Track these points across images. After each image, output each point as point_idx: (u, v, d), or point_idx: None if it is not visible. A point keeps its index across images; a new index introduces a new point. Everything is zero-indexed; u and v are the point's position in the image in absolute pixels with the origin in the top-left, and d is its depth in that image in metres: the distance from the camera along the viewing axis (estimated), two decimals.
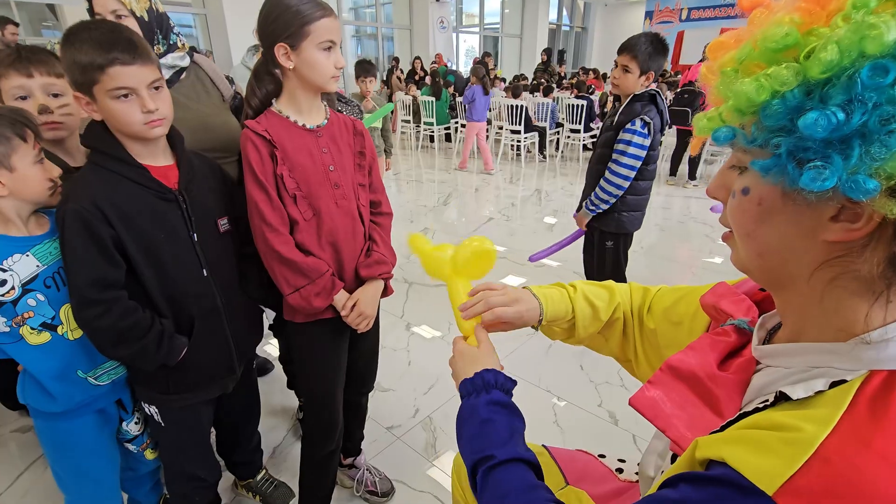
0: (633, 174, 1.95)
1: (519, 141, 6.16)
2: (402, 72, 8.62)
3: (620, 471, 0.85)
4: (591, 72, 8.77)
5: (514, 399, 0.67)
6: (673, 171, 5.40)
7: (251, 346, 1.27)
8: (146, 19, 1.29)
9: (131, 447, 1.21)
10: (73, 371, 1.02)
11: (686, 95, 4.94)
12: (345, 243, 1.16)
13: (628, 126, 1.89)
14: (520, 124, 6.02)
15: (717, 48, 0.43)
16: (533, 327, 0.79)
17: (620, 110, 1.95)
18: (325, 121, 1.15)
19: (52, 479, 1.62)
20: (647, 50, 1.81)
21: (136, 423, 1.18)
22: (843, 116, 0.32)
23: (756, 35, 0.37)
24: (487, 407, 0.63)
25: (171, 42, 1.37)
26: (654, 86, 1.97)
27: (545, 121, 6.45)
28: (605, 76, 8.62)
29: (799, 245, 0.41)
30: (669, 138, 5.96)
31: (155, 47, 1.33)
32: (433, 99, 6.72)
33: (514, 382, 0.69)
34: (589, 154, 3.47)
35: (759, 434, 0.39)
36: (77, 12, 5.47)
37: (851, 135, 0.33)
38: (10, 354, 0.98)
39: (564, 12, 14.26)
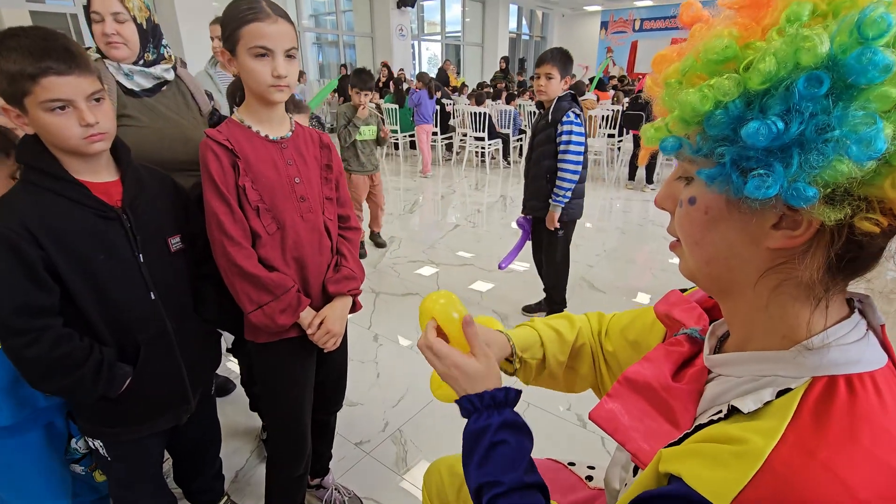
0: (581, 159, 2.19)
1: (483, 148, 6.22)
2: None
3: (590, 478, 0.86)
4: None
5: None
6: (631, 175, 5.58)
7: (207, 373, 1.20)
8: (144, 28, 1.31)
9: (78, 468, 1.13)
10: (23, 383, 0.95)
11: (640, 101, 5.12)
12: (311, 258, 1.12)
13: (564, 119, 2.14)
14: (484, 131, 6.09)
15: (661, 61, 0.44)
16: (509, 373, 0.76)
17: (550, 110, 2.21)
18: (290, 132, 1.11)
19: None
20: (563, 59, 2.15)
21: (84, 439, 1.11)
22: (783, 126, 0.33)
23: (698, 48, 0.38)
24: (500, 430, 0.59)
25: (161, 53, 1.38)
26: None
27: (508, 127, 6.55)
28: None
29: (744, 252, 0.42)
30: (627, 144, 6.17)
31: (145, 55, 1.33)
32: (396, 106, 6.71)
33: (520, 392, 0.65)
34: None
35: (711, 448, 0.39)
36: (17, 16, 5.14)
37: (791, 143, 0.34)
38: None
39: (524, 22, 14.59)
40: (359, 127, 3.16)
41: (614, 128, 6.24)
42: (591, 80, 8.64)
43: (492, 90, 8.06)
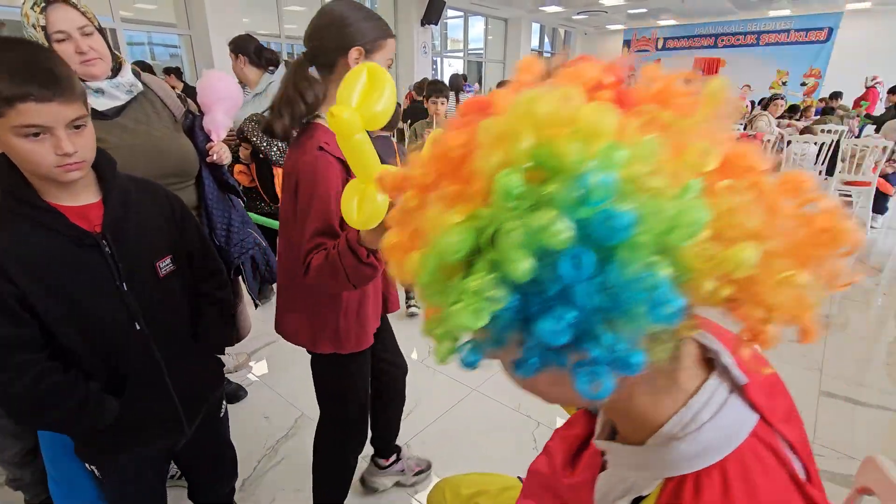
0: None
1: None
2: None
3: None
4: None
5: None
6: None
7: (205, 398, 1.12)
8: (104, 34, 1.20)
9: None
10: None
11: None
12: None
13: None
14: None
15: (395, 251, 0.36)
16: None
17: None
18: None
19: None
20: None
21: None
22: (574, 313, 0.29)
23: (430, 241, 0.32)
24: None
25: (114, 55, 1.25)
26: None
27: None
28: None
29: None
30: None
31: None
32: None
33: None
34: None
35: None
36: None
37: (591, 324, 0.29)
38: None
39: (546, 39, 14.70)
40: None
41: None
42: None
43: None
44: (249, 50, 2.59)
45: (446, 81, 4.67)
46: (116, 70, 1.23)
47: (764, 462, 0.36)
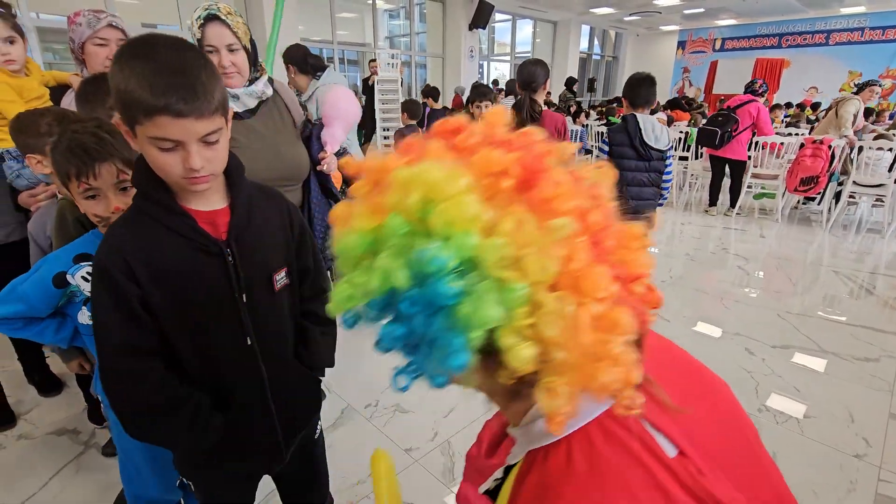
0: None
1: None
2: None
3: None
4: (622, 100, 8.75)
5: None
6: (713, 200, 5.28)
7: (304, 423, 1.07)
8: (250, 50, 1.34)
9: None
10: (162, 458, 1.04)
11: (720, 118, 4.85)
12: None
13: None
14: None
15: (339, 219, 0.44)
16: None
17: None
18: None
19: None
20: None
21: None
22: (403, 330, 0.38)
23: (341, 238, 0.41)
24: None
25: (258, 64, 1.40)
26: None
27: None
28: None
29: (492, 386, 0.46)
30: (696, 165, 5.86)
31: (250, 75, 1.37)
32: None
33: None
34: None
35: None
36: None
37: (416, 343, 0.38)
38: (88, 346, 1.03)
39: (596, 42, 14.40)
40: None
41: (686, 150, 5.95)
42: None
43: (567, 109, 7.99)
44: (298, 59, 2.70)
45: (491, 85, 4.64)
46: (256, 78, 1.38)
47: (611, 436, 0.41)
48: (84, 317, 1.11)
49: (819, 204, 5.08)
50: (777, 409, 2.03)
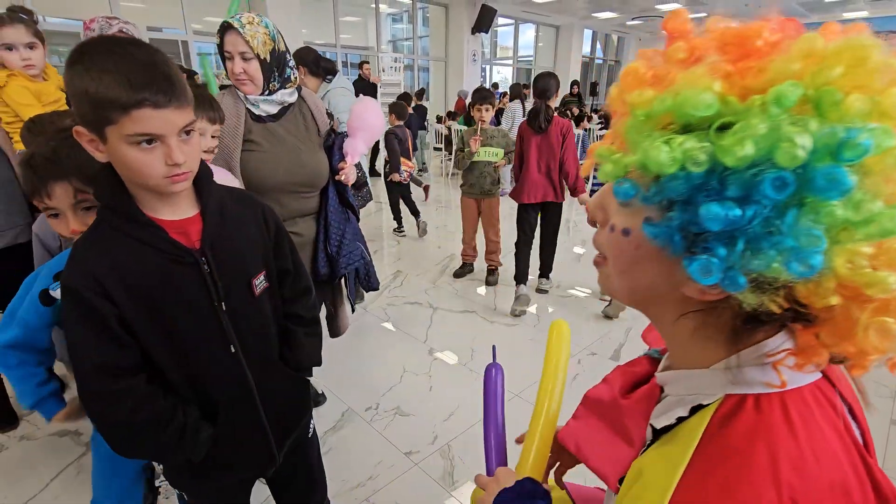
0: None
1: None
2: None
3: None
4: None
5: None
6: None
7: (295, 425, 1.06)
8: (268, 61, 1.39)
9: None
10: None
11: None
12: None
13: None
14: None
15: (631, 78, 0.41)
16: None
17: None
18: None
19: (85, 483, 1.67)
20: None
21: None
22: (739, 213, 0.33)
23: (677, 89, 0.36)
24: None
25: (286, 76, 1.46)
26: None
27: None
28: None
29: (664, 293, 0.43)
30: None
31: (270, 85, 1.43)
32: (465, 127, 6.87)
33: (550, 494, 0.65)
34: None
35: (627, 488, 0.42)
36: None
37: (739, 233, 0.33)
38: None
39: (598, 46, 14.43)
40: (470, 149, 3.13)
41: None
42: None
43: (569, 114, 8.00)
44: (309, 61, 2.72)
45: (490, 87, 4.69)
46: (276, 90, 1.45)
47: (823, 408, 0.39)
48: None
49: None
50: None
